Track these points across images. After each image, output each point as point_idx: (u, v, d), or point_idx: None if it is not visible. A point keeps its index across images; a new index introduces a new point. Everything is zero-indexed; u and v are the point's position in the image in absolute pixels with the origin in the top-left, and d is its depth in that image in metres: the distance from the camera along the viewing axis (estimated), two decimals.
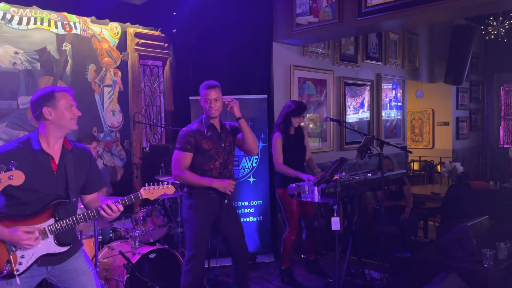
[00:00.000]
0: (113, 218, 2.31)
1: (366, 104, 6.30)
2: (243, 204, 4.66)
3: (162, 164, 4.17)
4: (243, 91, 4.64)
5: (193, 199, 3.08)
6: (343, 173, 3.45)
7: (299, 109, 3.90)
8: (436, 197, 5.48)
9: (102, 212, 2.26)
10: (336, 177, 3.20)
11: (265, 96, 4.72)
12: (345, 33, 4.79)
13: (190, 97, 4.59)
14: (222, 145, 3.20)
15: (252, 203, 4.69)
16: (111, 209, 2.26)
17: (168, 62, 5.16)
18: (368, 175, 3.64)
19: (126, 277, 3.04)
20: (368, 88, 6.32)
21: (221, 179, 3.09)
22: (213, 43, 4.92)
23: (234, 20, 4.83)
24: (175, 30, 4.99)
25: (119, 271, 3.13)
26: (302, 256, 4.64)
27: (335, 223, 3.05)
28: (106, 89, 4.65)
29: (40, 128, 2.27)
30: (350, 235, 3.71)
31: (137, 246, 3.33)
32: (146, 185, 2.38)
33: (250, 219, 4.68)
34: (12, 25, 3.92)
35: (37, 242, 2.13)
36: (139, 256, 3.15)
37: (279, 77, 4.89)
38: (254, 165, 4.69)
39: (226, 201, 3.09)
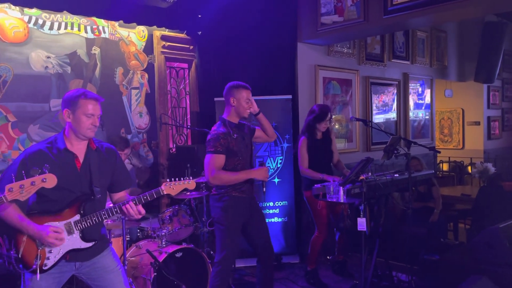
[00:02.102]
0: (135, 216, 2.34)
1: (392, 104, 6.20)
2: (267, 205, 4.66)
3: (188, 165, 4.22)
4: (267, 92, 4.64)
5: (225, 201, 3.09)
6: (369, 174, 3.41)
7: (321, 114, 3.88)
8: (467, 198, 5.33)
9: (124, 209, 2.30)
10: (362, 177, 3.16)
11: (290, 96, 4.71)
12: (371, 32, 4.73)
13: (215, 99, 4.63)
14: (246, 145, 3.23)
15: (277, 203, 4.69)
16: (133, 209, 2.30)
17: (193, 64, 5.22)
18: (395, 175, 3.58)
19: (153, 275, 3.09)
20: (394, 87, 6.21)
21: (256, 169, 3.11)
22: (238, 44, 4.95)
23: (258, 21, 4.84)
24: (200, 32, 5.06)
25: (146, 269, 3.19)
26: (328, 257, 4.59)
27: (361, 224, 3.02)
28: (134, 91, 4.75)
29: (65, 128, 2.35)
30: (377, 236, 3.65)
31: (164, 245, 3.39)
32: (168, 180, 2.40)
33: (275, 219, 4.68)
34: (44, 30, 4.05)
35: (62, 242, 2.20)
36: (166, 255, 3.20)
37: (303, 77, 4.87)
38: (278, 165, 4.69)
39: (263, 187, 3.12)
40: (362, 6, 4.20)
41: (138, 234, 3.86)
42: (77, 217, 2.27)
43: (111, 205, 2.40)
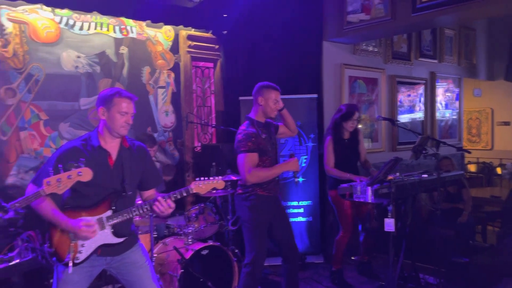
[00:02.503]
0: (166, 213, 2.38)
1: (419, 104, 6.09)
2: (292, 204, 4.65)
3: (214, 163, 4.24)
4: (292, 91, 4.63)
5: (252, 200, 3.10)
6: (397, 174, 3.36)
7: (348, 113, 3.83)
8: (496, 200, 5.20)
9: (154, 206, 2.34)
10: (390, 177, 3.12)
11: (315, 95, 4.69)
12: (398, 30, 4.66)
13: (240, 98, 4.65)
14: (273, 143, 3.23)
15: (301, 203, 4.67)
16: (163, 205, 2.33)
17: (218, 63, 5.25)
18: (423, 176, 3.51)
19: (180, 272, 3.13)
20: (421, 86, 6.10)
21: (287, 161, 3.11)
22: (263, 43, 4.95)
23: (283, 20, 4.83)
24: (225, 31, 5.08)
25: (173, 266, 3.23)
26: (353, 258, 4.55)
27: (389, 224, 2.98)
28: (160, 91, 4.81)
29: (99, 125, 2.40)
30: (403, 237, 3.59)
31: (190, 243, 3.42)
32: (197, 179, 2.43)
33: (299, 219, 4.66)
34: (74, 30, 4.15)
35: (94, 234, 2.25)
36: (192, 252, 3.23)
37: (329, 76, 4.84)
38: (303, 165, 4.67)
39: (296, 180, 3.13)
40: (390, 4, 4.14)
41: (165, 231, 3.91)
42: (109, 212, 2.32)
43: (139, 202, 2.44)
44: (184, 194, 2.38)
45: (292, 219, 4.39)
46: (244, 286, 3.10)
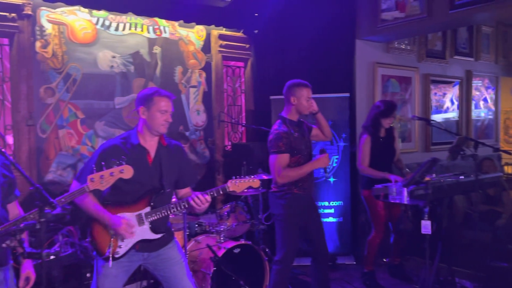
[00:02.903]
0: (202, 209, 2.40)
1: (454, 103, 5.93)
2: (322, 204, 4.62)
3: (245, 162, 4.26)
4: (324, 90, 4.58)
5: (287, 198, 3.10)
6: (433, 175, 3.28)
7: (388, 109, 3.76)
8: None
9: (192, 202, 2.37)
10: (427, 178, 3.05)
11: (347, 94, 4.63)
12: (434, 27, 4.56)
13: (271, 97, 4.65)
14: (306, 142, 3.22)
15: (332, 203, 4.63)
16: (200, 200, 2.36)
17: (249, 63, 5.27)
18: (461, 177, 3.42)
19: (212, 270, 3.15)
20: (456, 85, 5.94)
21: (317, 158, 3.08)
22: (294, 42, 4.93)
23: (315, 19, 4.80)
24: (256, 30, 5.09)
25: (205, 263, 3.26)
26: (384, 260, 4.48)
27: (426, 226, 2.91)
28: (192, 90, 4.86)
29: (139, 124, 2.46)
30: (439, 240, 3.51)
31: (222, 241, 3.44)
32: (234, 177, 2.45)
33: (330, 219, 4.62)
34: (110, 31, 4.24)
35: (131, 236, 2.29)
36: (225, 251, 3.25)
37: (361, 75, 4.77)
38: (334, 165, 4.62)
39: (327, 175, 3.10)
40: (426, 1, 4.05)
41: (196, 229, 3.95)
42: (148, 209, 2.36)
43: (174, 200, 2.48)
44: (221, 192, 2.41)
45: (322, 220, 4.35)
46: (275, 283, 3.11)
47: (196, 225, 3.92)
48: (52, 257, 2.71)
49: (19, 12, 3.65)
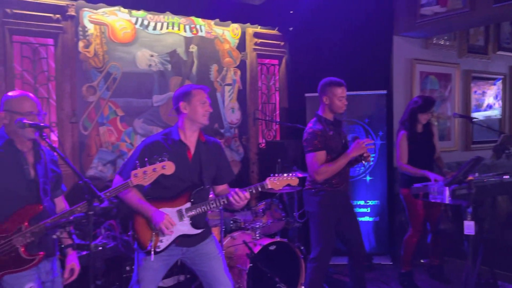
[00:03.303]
0: (240, 206, 2.43)
1: (496, 100, 5.71)
2: (358, 203, 4.56)
3: (279, 160, 4.26)
4: (360, 87, 4.52)
5: (321, 195, 3.09)
6: (476, 174, 3.17)
7: (426, 104, 3.67)
8: None
9: (231, 198, 2.39)
10: (470, 177, 2.95)
11: (384, 92, 4.55)
12: (477, 22, 4.40)
13: (306, 94, 4.63)
14: (343, 141, 3.19)
15: (368, 202, 4.56)
16: (239, 197, 2.39)
17: (283, 60, 5.26)
18: (505, 177, 3.29)
19: (248, 266, 3.18)
20: (499, 82, 5.71)
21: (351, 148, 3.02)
22: (329, 39, 4.88)
23: (351, 15, 4.73)
24: (291, 28, 5.08)
25: (241, 260, 3.28)
26: (422, 261, 4.37)
27: (469, 227, 2.81)
28: (227, 88, 4.90)
29: (179, 121, 2.51)
30: (481, 241, 3.39)
31: (258, 238, 3.46)
32: (272, 175, 2.46)
33: (366, 219, 4.56)
34: (148, 30, 4.33)
35: (170, 233, 2.34)
36: (261, 247, 3.27)
37: (399, 72, 4.67)
38: (370, 163, 4.55)
39: (363, 163, 3.07)
40: None
41: (231, 225, 3.99)
42: (188, 204, 2.41)
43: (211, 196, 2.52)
44: (259, 189, 2.42)
45: (358, 219, 4.30)
46: (310, 281, 3.10)
47: (231, 222, 3.96)
48: (99, 248, 2.81)
49: (63, 13, 3.79)
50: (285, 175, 2.43)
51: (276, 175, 2.45)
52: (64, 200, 2.38)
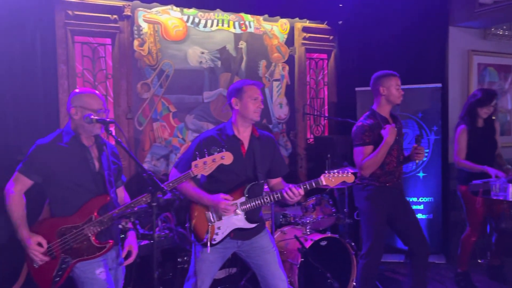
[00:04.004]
0: (294, 201, 2.44)
1: None
2: (411, 200, 4.43)
3: (329, 156, 4.21)
4: (413, 81, 4.38)
5: (369, 190, 3.05)
6: None
7: (486, 98, 3.51)
8: None
9: (285, 194, 2.41)
10: None
11: (439, 85, 4.38)
12: None
13: (357, 88, 4.55)
14: (397, 137, 3.11)
15: (421, 199, 4.43)
16: (293, 193, 2.39)
17: (332, 55, 5.19)
18: None
19: (300, 261, 3.18)
20: None
21: (387, 131, 2.95)
22: (380, 32, 4.77)
23: (404, 6, 4.59)
24: (340, 21, 4.99)
25: (292, 254, 3.29)
26: (479, 260, 4.19)
27: None
28: (275, 83, 4.91)
29: (233, 116, 2.56)
30: None
31: (308, 233, 3.46)
32: (326, 172, 2.45)
33: (419, 216, 4.42)
34: (199, 28, 4.42)
35: (233, 208, 2.37)
36: (312, 242, 3.26)
37: (455, 64, 4.49)
38: (424, 159, 4.41)
39: (416, 161, 3.01)
40: None
41: (281, 220, 4.00)
42: (243, 199, 2.45)
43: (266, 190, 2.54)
44: (314, 186, 2.42)
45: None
46: (362, 278, 3.07)
47: (281, 216, 3.98)
48: (162, 238, 2.92)
49: (120, 13, 3.94)
50: (341, 172, 2.42)
51: (331, 171, 2.43)
52: (124, 190, 2.49)
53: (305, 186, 2.42)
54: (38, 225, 2.22)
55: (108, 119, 2.14)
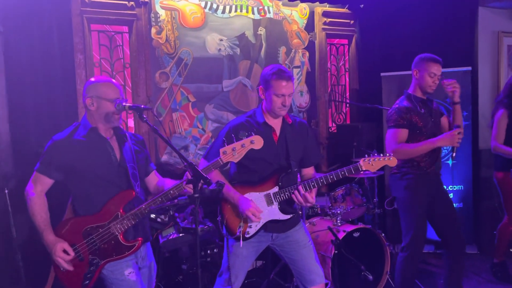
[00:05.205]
0: (310, 201, 2.31)
1: None
2: None
3: (355, 144, 4.06)
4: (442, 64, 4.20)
5: (408, 179, 2.90)
6: None
7: None
8: None
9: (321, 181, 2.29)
10: None
11: (469, 68, 4.20)
12: None
13: (382, 74, 4.38)
14: (434, 121, 2.96)
15: (450, 187, 4.26)
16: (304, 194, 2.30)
17: (353, 40, 5.02)
18: None
19: (333, 253, 3.05)
20: None
21: (442, 136, 2.81)
22: (404, 14, 4.58)
23: None
24: (362, 5, 4.82)
25: (324, 246, 3.17)
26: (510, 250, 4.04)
27: None
28: (295, 70, 4.75)
29: (263, 103, 2.41)
30: None
31: (339, 224, 3.32)
32: (366, 156, 2.31)
33: None
34: (217, 14, 4.26)
35: (258, 220, 2.25)
36: (345, 234, 3.13)
37: (484, 46, 4.30)
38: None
39: (452, 152, 2.86)
40: None
41: (308, 211, 3.87)
42: (276, 189, 2.31)
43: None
44: (353, 172, 2.28)
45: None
46: (402, 271, 2.92)
47: (308, 208, 3.84)
48: (205, 231, 2.80)
49: (137, 0, 3.79)
50: (382, 155, 2.27)
51: (371, 156, 2.29)
52: (157, 174, 2.37)
53: (343, 173, 2.28)
54: (62, 226, 2.08)
55: (142, 106, 2.00)
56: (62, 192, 2.17)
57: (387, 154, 2.28)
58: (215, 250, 3.14)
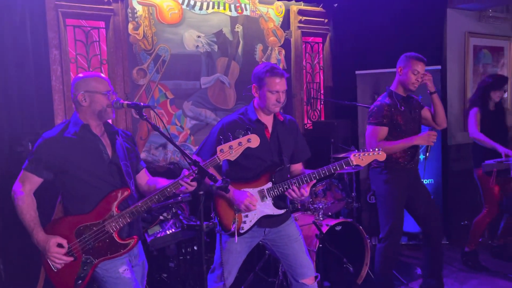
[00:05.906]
0: (303, 198, 2.37)
1: None
2: None
3: (332, 140, 4.15)
4: None
5: (389, 173, 3.01)
6: None
7: (499, 82, 3.58)
8: None
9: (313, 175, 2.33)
10: None
11: (439, 67, 4.39)
12: None
13: (357, 72, 4.49)
14: (414, 118, 3.08)
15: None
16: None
17: (327, 38, 5.11)
18: None
19: (317, 246, 3.12)
20: None
21: (420, 134, 2.96)
22: (377, 14, 4.70)
23: None
24: (336, 4, 4.91)
25: (308, 240, 3.22)
26: (480, 240, 4.27)
27: None
28: None
29: (254, 100, 2.43)
30: None
31: (321, 218, 3.40)
32: (356, 151, 2.38)
33: None
34: (195, 10, 4.23)
35: (254, 208, 2.28)
36: (328, 228, 3.21)
37: (452, 46, 4.51)
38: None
39: (426, 151, 3.00)
40: None
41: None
42: (270, 184, 2.34)
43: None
44: (344, 166, 2.34)
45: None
46: (381, 262, 3.03)
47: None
48: (207, 229, 2.77)
49: None
50: (371, 150, 2.35)
51: (361, 151, 2.36)
52: (147, 173, 2.34)
53: (334, 168, 2.34)
54: (52, 225, 2.02)
55: (142, 104, 1.97)
56: (51, 191, 2.10)
57: (376, 149, 2.36)
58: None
